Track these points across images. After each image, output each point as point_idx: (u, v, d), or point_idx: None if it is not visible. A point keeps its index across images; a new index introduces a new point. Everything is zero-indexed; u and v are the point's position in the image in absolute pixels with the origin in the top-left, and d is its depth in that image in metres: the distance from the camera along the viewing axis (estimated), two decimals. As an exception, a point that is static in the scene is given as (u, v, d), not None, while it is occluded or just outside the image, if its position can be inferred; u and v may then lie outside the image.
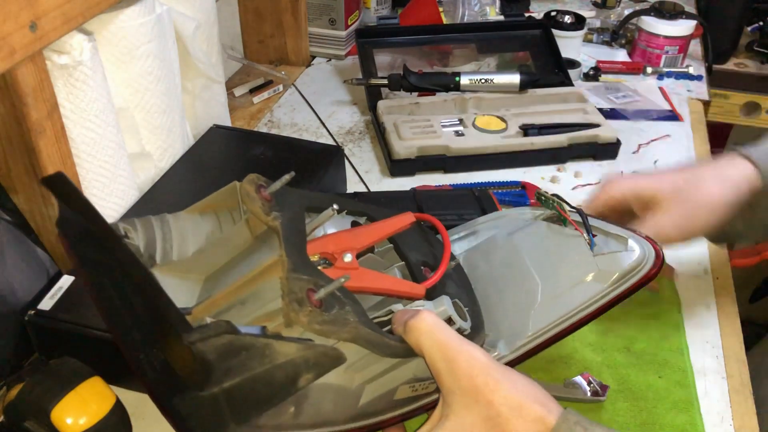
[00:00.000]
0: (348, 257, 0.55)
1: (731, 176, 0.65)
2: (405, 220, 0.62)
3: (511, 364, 0.57)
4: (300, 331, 0.48)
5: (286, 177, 0.56)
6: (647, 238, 0.58)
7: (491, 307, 0.61)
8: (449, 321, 0.54)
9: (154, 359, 0.45)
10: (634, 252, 0.57)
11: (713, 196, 0.64)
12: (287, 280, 0.48)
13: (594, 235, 0.59)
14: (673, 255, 0.81)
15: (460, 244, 0.69)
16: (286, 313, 0.47)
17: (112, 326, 0.45)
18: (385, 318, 0.54)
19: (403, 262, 0.60)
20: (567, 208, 0.61)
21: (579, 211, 0.60)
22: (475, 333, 0.56)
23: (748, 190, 0.65)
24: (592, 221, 0.60)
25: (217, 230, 0.60)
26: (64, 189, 0.43)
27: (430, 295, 0.57)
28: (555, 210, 0.62)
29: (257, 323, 0.51)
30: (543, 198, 0.64)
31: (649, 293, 0.76)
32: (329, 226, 0.60)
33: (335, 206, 0.55)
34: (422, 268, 0.60)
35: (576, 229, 0.60)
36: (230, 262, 0.59)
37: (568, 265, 0.59)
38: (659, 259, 0.56)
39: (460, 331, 0.54)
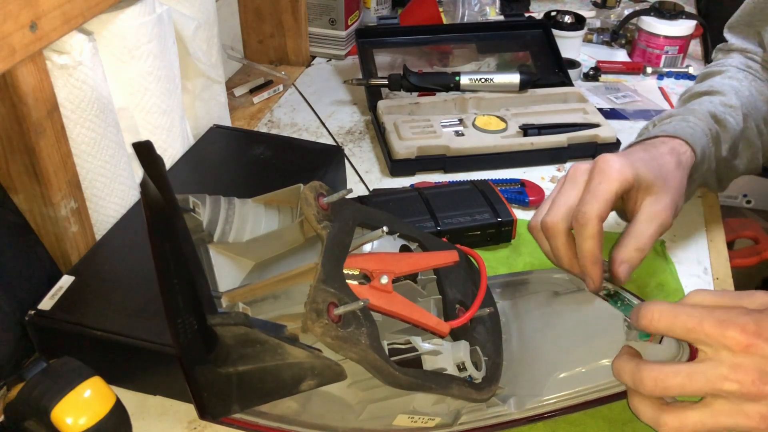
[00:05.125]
0: (384, 279, 0.56)
1: (683, 162, 0.72)
2: (450, 257, 0.62)
3: (516, 423, 0.58)
4: (314, 339, 0.49)
5: (344, 191, 0.58)
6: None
7: (515, 362, 0.61)
8: (461, 367, 0.55)
9: (189, 327, 0.48)
10: (671, 347, 0.56)
11: (679, 180, 0.69)
12: (314, 289, 0.50)
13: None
14: (672, 254, 0.81)
15: (506, 292, 0.69)
16: (304, 320, 0.49)
17: (163, 288, 0.49)
18: (403, 346, 0.55)
19: (440, 297, 0.61)
20: (628, 297, 0.61)
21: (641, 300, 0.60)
22: (487, 384, 0.56)
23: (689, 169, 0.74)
24: None
25: (275, 224, 0.63)
26: (147, 156, 0.48)
27: (457, 335, 0.58)
28: (623, 303, 0.61)
29: (282, 321, 0.53)
30: (612, 293, 0.63)
31: (655, 286, 0.76)
32: (379, 245, 0.61)
33: (385, 228, 0.56)
34: (457, 306, 0.60)
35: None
36: (279, 256, 0.61)
37: (599, 343, 0.58)
38: (692, 358, 0.55)
39: (470, 379, 0.55)
